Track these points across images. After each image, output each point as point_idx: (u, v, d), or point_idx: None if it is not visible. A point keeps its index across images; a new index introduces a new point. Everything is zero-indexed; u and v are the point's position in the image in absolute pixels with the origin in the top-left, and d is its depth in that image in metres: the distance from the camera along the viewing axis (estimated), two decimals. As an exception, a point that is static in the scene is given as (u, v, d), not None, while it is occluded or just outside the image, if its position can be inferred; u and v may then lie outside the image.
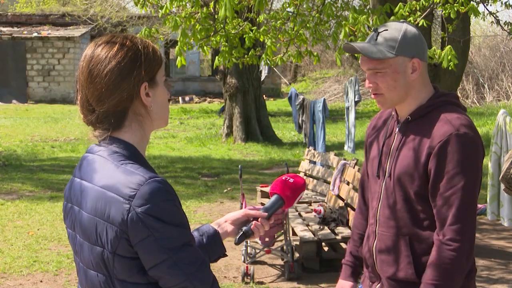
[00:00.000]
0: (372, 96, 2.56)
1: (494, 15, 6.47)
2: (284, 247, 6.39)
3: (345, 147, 11.75)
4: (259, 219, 2.13)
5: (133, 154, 1.87)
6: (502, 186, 3.79)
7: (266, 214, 2.14)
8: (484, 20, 6.83)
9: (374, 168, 2.64)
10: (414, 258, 2.51)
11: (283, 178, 2.21)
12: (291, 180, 2.20)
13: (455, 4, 5.54)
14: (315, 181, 8.80)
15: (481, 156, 2.44)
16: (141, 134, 1.91)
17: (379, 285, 2.64)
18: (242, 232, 2.12)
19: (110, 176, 1.81)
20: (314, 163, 9.15)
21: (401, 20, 2.63)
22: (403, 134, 2.55)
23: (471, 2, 5.82)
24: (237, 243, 2.13)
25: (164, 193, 1.77)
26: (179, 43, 6.08)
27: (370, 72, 2.51)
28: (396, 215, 2.53)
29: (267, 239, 6.30)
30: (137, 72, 1.85)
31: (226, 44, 6.52)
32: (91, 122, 1.89)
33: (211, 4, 6.14)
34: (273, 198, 2.18)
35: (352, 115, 10.91)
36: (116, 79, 1.83)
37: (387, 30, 2.49)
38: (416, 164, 2.46)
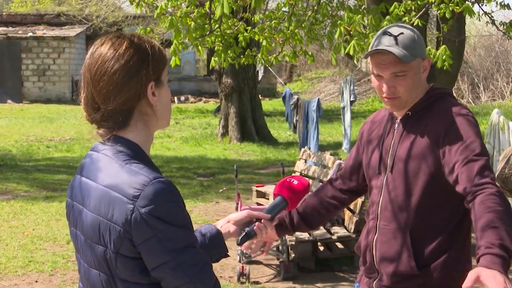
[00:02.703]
0: (386, 100, 2.55)
1: (490, 15, 6.48)
2: (280, 247, 6.39)
3: (343, 147, 11.76)
4: (262, 221, 2.13)
5: (138, 154, 1.86)
6: (497, 186, 3.79)
7: (269, 215, 2.14)
8: (479, 20, 6.84)
9: (375, 165, 2.65)
10: (415, 251, 2.53)
11: (287, 180, 2.21)
12: (295, 182, 2.19)
13: (450, 4, 5.55)
14: (310, 181, 8.80)
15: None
16: (146, 133, 1.91)
17: (377, 280, 2.65)
18: (245, 233, 2.12)
19: (114, 176, 1.81)
20: (314, 163, 9.16)
21: (399, 23, 2.69)
22: (403, 129, 2.59)
23: (466, 2, 5.83)
24: (240, 244, 2.13)
25: (168, 194, 1.77)
26: (173, 43, 6.07)
27: (390, 76, 2.50)
28: (398, 209, 2.55)
29: (262, 239, 6.30)
30: (145, 71, 1.85)
31: (221, 44, 6.52)
32: (96, 120, 1.88)
33: (207, 4, 6.13)
34: (277, 199, 2.18)
35: (347, 115, 10.92)
36: (124, 77, 1.83)
37: (402, 33, 2.51)
38: (422, 155, 2.50)
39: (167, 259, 1.76)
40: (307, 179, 2.29)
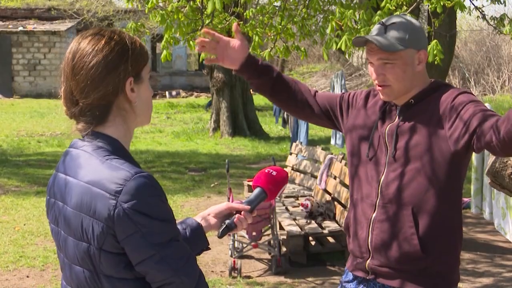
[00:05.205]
0: (378, 88, 2.60)
1: (480, 10, 6.49)
2: (271, 242, 6.40)
3: (332, 142, 11.75)
4: (242, 212, 2.13)
5: (117, 149, 1.86)
6: (488, 180, 3.81)
7: (249, 207, 2.14)
8: (470, 14, 6.84)
9: (375, 146, 2.64)
10: (418, 232, 2.53)
11: (266, 171, 2.22)
12: (274, 173, 2.20)
13: (441, -1, 5.55)
14: (302, 175, 8.81)
15: None
16: (124, 129, 1.90)
17: (369, 260, 2.63)
18: (225, 225, 2.12)
19: (95, 172, 1.80)
20: (302, 157, 9.17)
21: (401, 14, 2.70)
22: (405, 113, 2.60)
23: (457, -4, 5.82)
24: (220, 236, 2.14)
25: (150, 188, 1.76)
26: (164, 37, 6.05)
27: (379, 63, 2.56)
28: (402, 188, 2.55)
29: (254, 234, 6.31)
30: (124, 67, 1.85)
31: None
32: (74, 115, 1.88)
33: (198, -1, 6.11)
34: (256, 191, 2.19)
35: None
36: (102, 72, 1.82)
37: (394, 23, 2.55)
38: (427, 133, 2.51)
39: (151, 253, 1.76)
40: (285, 170, 2.29)
